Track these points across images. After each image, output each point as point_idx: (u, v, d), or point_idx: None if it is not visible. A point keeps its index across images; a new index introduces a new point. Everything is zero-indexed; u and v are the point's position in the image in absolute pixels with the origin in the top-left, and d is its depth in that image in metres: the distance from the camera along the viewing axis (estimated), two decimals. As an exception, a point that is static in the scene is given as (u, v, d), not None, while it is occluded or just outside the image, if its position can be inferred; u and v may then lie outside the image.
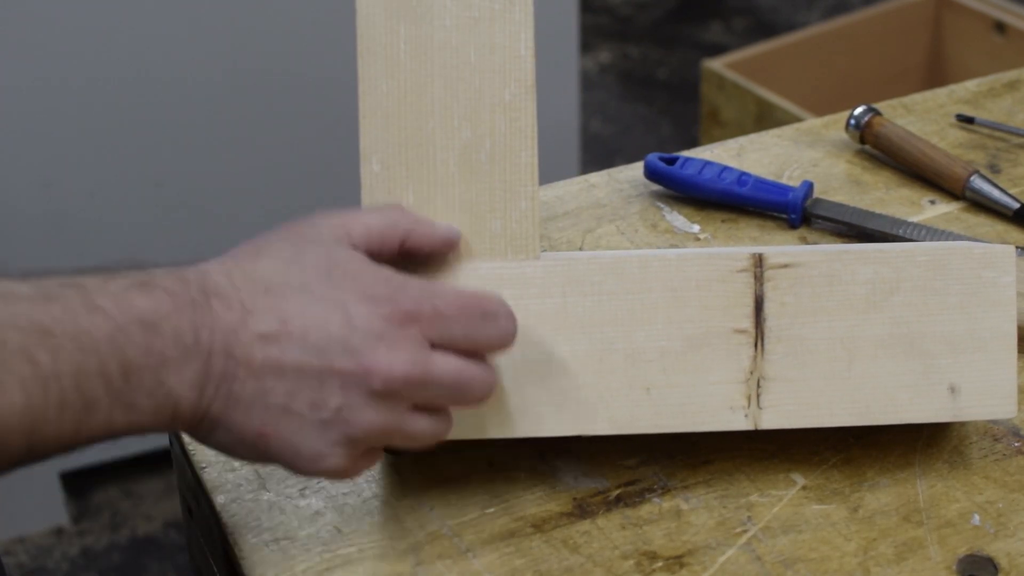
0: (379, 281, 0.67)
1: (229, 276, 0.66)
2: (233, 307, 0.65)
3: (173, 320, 0.63)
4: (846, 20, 2.25)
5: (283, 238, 0.69)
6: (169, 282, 0.64)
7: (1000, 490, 0.78)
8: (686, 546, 0.75)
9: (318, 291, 0.66)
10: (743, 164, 1.07)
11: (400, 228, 0.71)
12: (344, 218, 0.70)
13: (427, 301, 0.68)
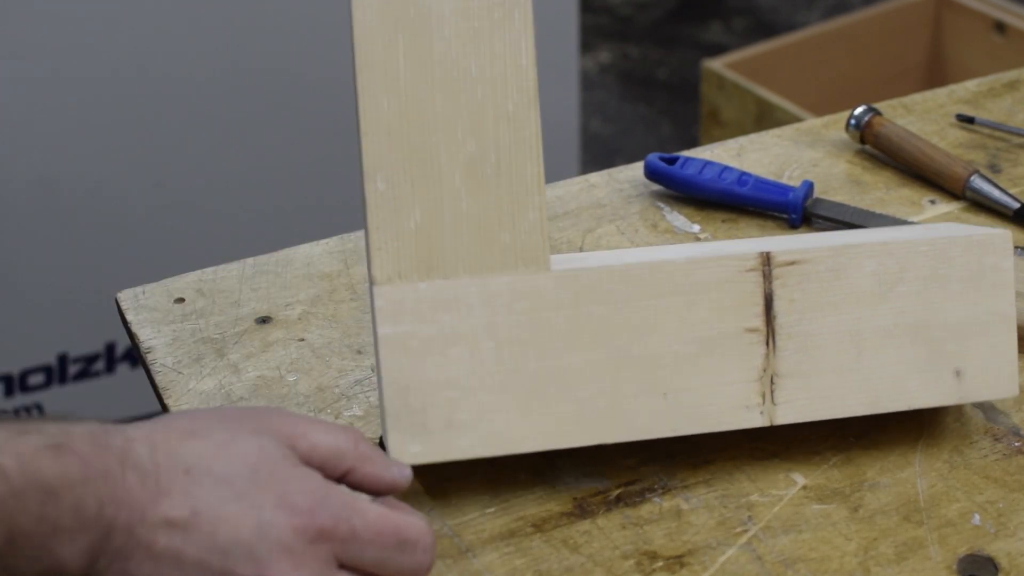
0: (303, 491, 0.65)
1: (153, 451, 0.64)
2: (147, 485, 0.63)
3: (77, 490, 0.61)
4: (846, 20, 2.25)
5: (222, 421, 0.67)
6: (86, 447, 0.62)
7: (1000, 490, 0.78)
8: (686, 546, 0.75)
9: (239, 487, 0.64)
10: (743, 164, 1.07)
11: (346, 462, 0.68)
12: (295, 426, 0.67)
13: (345, 521, 0.65)
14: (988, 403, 0.84)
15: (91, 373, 1.79)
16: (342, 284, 0.95)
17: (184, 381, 0.86)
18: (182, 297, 0.93)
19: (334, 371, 0.87)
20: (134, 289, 0.94)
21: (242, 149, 1.77)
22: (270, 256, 0.98)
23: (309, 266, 0.97)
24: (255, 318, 0.92)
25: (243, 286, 0.95)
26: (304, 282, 0.95)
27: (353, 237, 0.99)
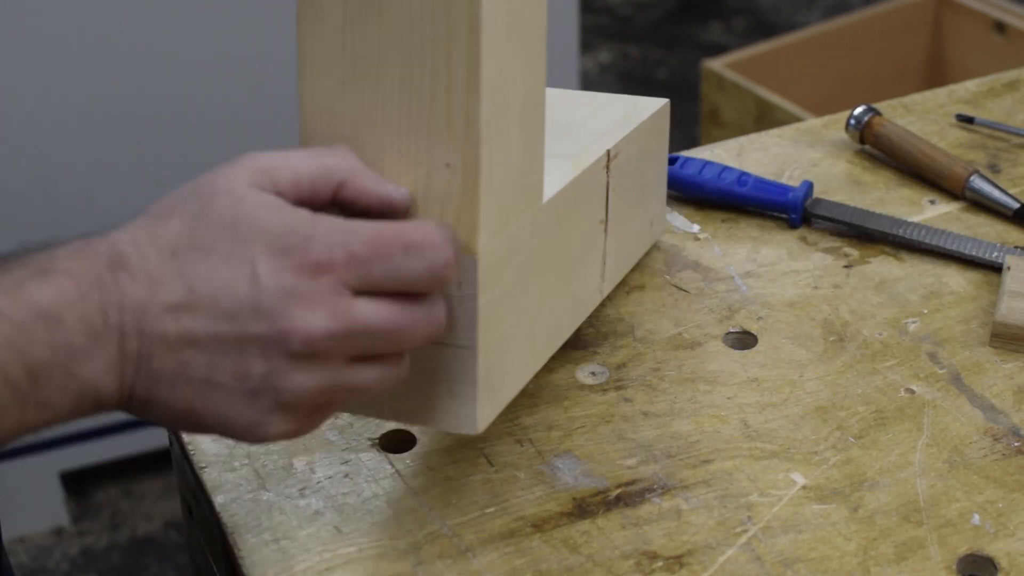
0: (288, 230, 0.61)
1: (136, 244, 0.61)
2: (139, 279, 0.60)
3: (78, 307, 0.59)
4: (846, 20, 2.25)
5: (194, 190, 0.63)
6: (72, 263, 0.60)
7: (1000, 490, 0.78)
8: (686, 546, 0.75)
9: (224, 249, 0.61)
10: (743, 164, 1.07)
11: (335, 176, 0.64)
12: (270, 161, 0.63)
13: (340, 245, 0.61)
14: (988, 403, 0.84)
15: (91, 373, 1.79)
16: (342, 284, 0.95)
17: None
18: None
19: (334, 371, 0.87)
20: (134, 289, 0.94)
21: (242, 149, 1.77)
22: (270, 256, 0.97)
23: (309, 266, 0.97)
24: (255, 318, 0.92)
25: (243, 286, 0.95)
26: (304, 282, 0.95)
27: (353, 237, 0.99)
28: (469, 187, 0.65)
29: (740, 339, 0.90)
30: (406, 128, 0.65)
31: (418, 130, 0.65)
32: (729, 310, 0.92)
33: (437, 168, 0.65)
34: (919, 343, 0.89)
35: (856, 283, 0.95)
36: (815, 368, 0.87)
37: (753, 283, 0.95)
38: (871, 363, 0.88)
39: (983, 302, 0.93)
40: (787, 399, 0.85)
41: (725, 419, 0.83)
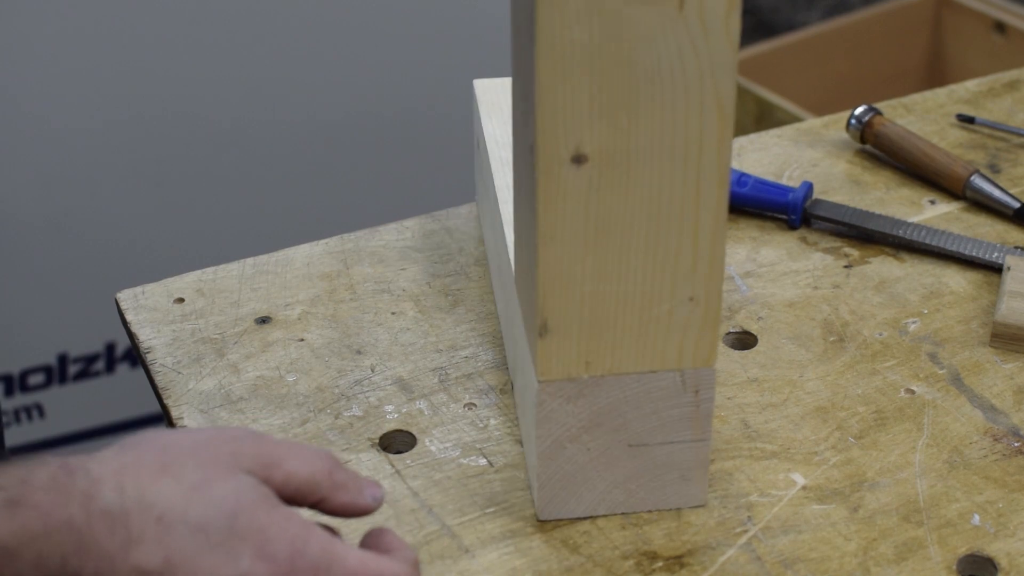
0: (282, 539, 0.62)
1: (121, 493, 0.61)
2: (116, 533, 0.60)
3: (38, 544, 0.58)
4: (846, 20, 2.25)
5: (195, 457, 0.63)
6: (46, 497, 0.59)
7: (1000, 490, 0.78)
8: (686, 546, 0.75)
9: (215, 536, 0.61)
10: (743, 164, 1.07)
11: (318, 492, 0.65)
12: (270, 455, 0.65)
13: (325, 570, 0.63)
14: (988, 403, 0.84)
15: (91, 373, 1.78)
16: (342, 284, 0.95)
17: (184, 381, 0.86)
18: (182, 297, 0.93)
19: (333, 371, 0.87)
20: (134, 289, 0.94)
21: (242, 150, 1.77)
22: (270, 256, 0.98)
23: (309, 266, 0.97)
24: (255, 318, 0.92)
25: (243, 286, 0.95)
26: (304, 282, 0.95)
27: (353, 237, 0.99)
28: (711, 314, 0.72)
29: (740, 339, 0.90)
30: (651, 275, 0.71)
31: (663, 274, 0.71)
32: (729, 310, 0.92)
33: (681, 303, 0.72)
34: (919, 343, 0.89)
35: (856, 283, 0.95)
36: (815, 368, 0.87)
37: (753, 283, 0.95)
38: (871, 363, 0.88)
39: (983, 302, 0.93)
40: (787, 399, 0.85)
41: (725, 419, 0.83)
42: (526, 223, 0.72)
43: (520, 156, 0.72)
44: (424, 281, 0.95)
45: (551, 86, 0.65)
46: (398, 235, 1.00)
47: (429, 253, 0.98)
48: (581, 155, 0.67)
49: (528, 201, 0.70)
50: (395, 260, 0.97)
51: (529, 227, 0.71)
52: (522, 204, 0.73)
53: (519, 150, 0.73)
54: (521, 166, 0.72)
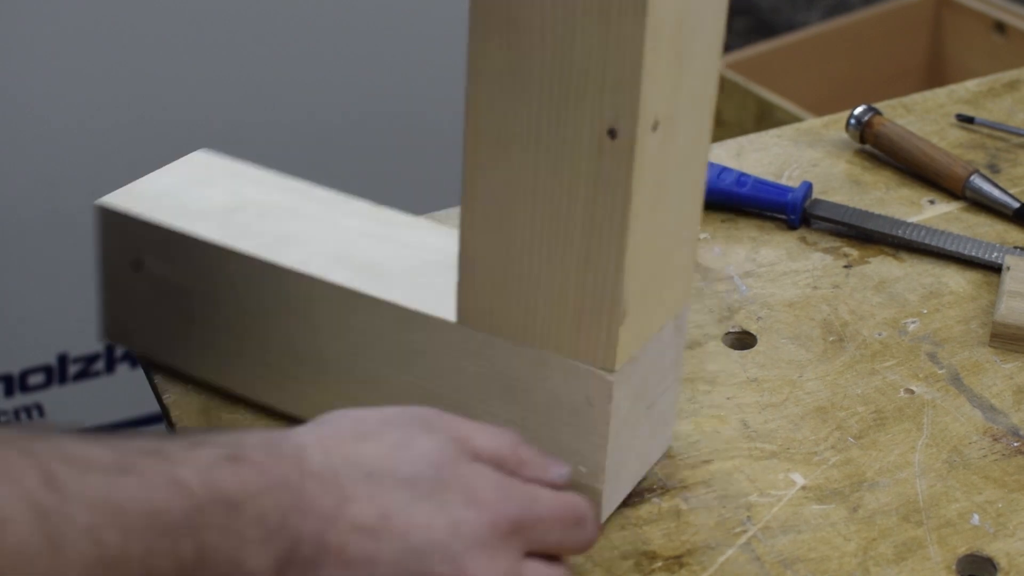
0: (487, 486, 0.64)
1: (327, 456, 0.62)
2: (330, 491, 0.61)
3: (260, 500, 0.59)
4: (846, 20, 2.25)
5: (390, 423, 0.66)
6: (261, 456, 0.60)
7: (1000, 490, 0.78)
8: (685, 546, 0.75)
9: (424, 487, 0.63)
10: (743, 164, 1.07)
11: (506, 467, 0.67)
12: (459, 429, 0.67)
13: (529, 510, 0.65)
14: (988, 403, 0.84)
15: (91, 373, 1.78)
16: (341, 284, 0.95)
17: (184, 381, 0.86)
18: (181, 297, 0.93)
19: (333, 371, 0.87)
20: (133, 289, 0.94)
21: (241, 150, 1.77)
22: (269, 256, 0.97)
23: (308, 266, 0.97)
24: (254, 318, 0.92)
25: (242, 286, 0.94)
26: (303, 282, 0.95)
27: (352, 237, 0.99)
28: (695, 252, 0.77)
29: (740, 339, 0.90)
30: (675, 225, 0.72)
31: (680, 223, 0.73)
32: (729, 310, 0.92)
33: (685, 244, 0.74)
34: (919, 343, 0.89)
35: (856, 283, 0.95)
36: (815, 368, 0.87)
37: (753, 283, 0.95)
38: (871, 363, 0.88)
39: (983, 302, 0.93)
40: (787, 399, 0.85)
41: (725, 419, 0.83)
42: (566, 205, 0.68)
43: (552, 134, 0.68)
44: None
45: (653, 56, 0.64)
46: (398, 235, 1.00)
47: (429, 253, 0.98)
48: (657, 122, 0.66)
49: (592, 179, 0.67)
50: (395, 260, 0.97)
51: (589, 208, 0.68)
52: (557, 187, 0.68)
53: (545, 128, 0.68)
54: (552, 145, 0.68)
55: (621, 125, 0.65)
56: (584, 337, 0.70)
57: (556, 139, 0.67)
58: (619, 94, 0.65)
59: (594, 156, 0.66)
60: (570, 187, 0.67)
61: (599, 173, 0.66)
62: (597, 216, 0.67)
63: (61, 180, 1.71)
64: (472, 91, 0.69)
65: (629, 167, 0.66)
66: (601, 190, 0.67)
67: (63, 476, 0.55)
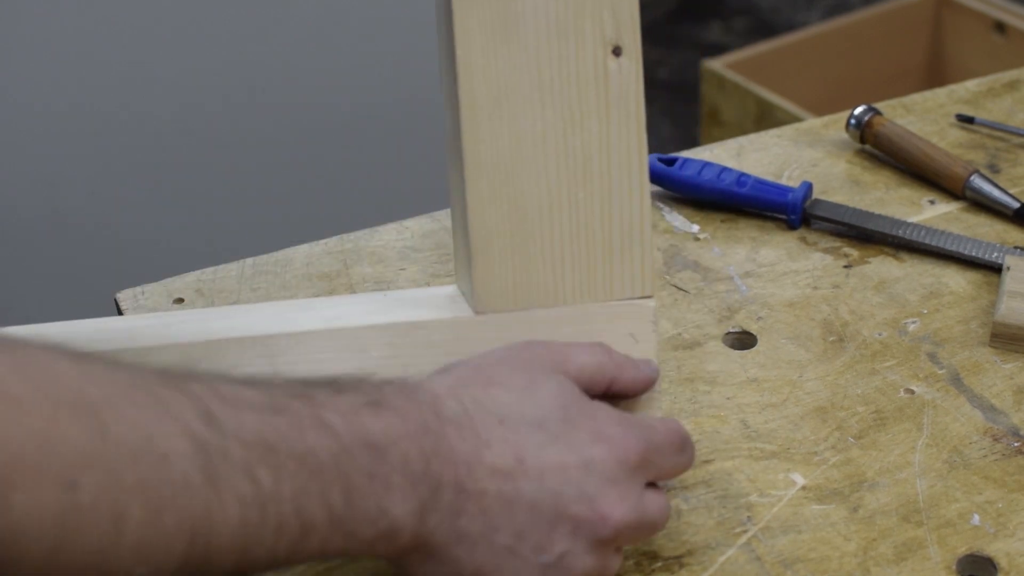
0: (611, 422, 0.66)
1: (461, 402, 0.63)
2: (467, 436, 0.62)
3: (403, 446, 0.60)
4: (846, 20, 2.25)
5: (511, 365, 0.67)
6: (401, 403, 0.61)
7: (1000, 490, 0.78)
8: (686, 546, 0.75)
9: (553, 428, 0.64)
10: (743, 164, 1.07)
11: (608, 372, 0.69)
12: (559, 352, 0.68)
13: (650, 440, 0.66)
14: (988, 403, 0.84)
15: (91, 373, 1.79)
16: (342, 284, 0.95)
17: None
18: (181, 297, 0.93)
19: (333, 371, 0.87)
20: (133, 289, 0.94)
21: (241, 149, 1.78)
22: (270, 256, 0.98)
23: (308, 266, 0.97)
24: (255, 318, 0.92)
25: (243, 286, 0.95)
26: (304, 282, 0.95)
27: (353, 237, 0.99)
28: None
29: (740, 339, 0.90)
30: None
31: None
32: (729, 310, 0.92)
33: None
34: (919, 343, 0.89)
35: (856, 283, 0.95)
36: (815, 368, 0.87)
37: (753, 283, 0.95)
38: (871, 363, 0.88)
39: (983, 302, 0.93)
40: (787, 399, 0.85)
41: (725, 419, 0.83)
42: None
43: (555, 72, 0.66)
44: (424, 281, 0.95)
45: None
46: (398, 235, 1.00)
47: (429, 253, 0.98)
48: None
49: (603, 105, 0.66)
50: (395, 260, 0.97)
51: (605, 137, 0.67)
52: (568, 126, 0.67)
53: (546, 70, 0.66)
54: (556, 84, 0.66)
55: (624, 39, 0.64)
56: (618, 273, 0.69)
57: (560, 76, 0.66)
58: (618, 6, 0.64)
59: (602, 79, 0.65)
60: (582, 121, 0.66)
61: (609, 96, 0.65)
62: (613, 142, 0.66)
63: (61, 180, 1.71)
64: (463, 55, 0.66)
65: (639, 79, 0.65)
66: (614, 114, 0.66)
67: (220, 414, 0.56)
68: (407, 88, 1.73)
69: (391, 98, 1.75)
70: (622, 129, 0.66)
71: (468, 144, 0.68)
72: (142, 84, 1.69)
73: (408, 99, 1.74)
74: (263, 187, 1.81)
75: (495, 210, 0.69)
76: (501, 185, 0.68)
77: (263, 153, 1.80)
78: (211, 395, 0.56)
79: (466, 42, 0.66)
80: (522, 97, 0.67)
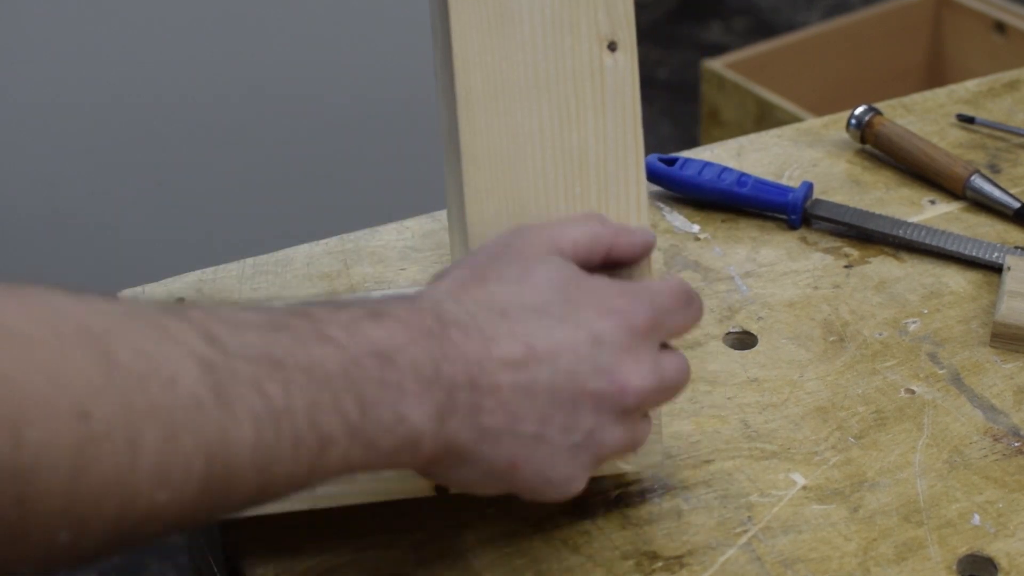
0: (612, 294, 0.65)
1: (459, 303, 0.63)
2: (472, 336, 0.62)
3: (410, 351, 0.60)
4: (846, 20, 2.25)
5: (502, 258, 0.66)
6: (402, 311, 0.61)
7: (1000, 490, 0.78)
8: (686, 546, 0.75)
9: (557, 311, 0.64)
10: (743, 164, 1.07)
11: (604, 241, 0.68)
12: (551, 232, 0.67)
13: (656, 303, 0.66)
14: (988, 403, 0.84)
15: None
16: (342, 284, 0.95)
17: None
18: (182, 297, 0.93)
19: (334, 371, 0.87)
20: (134, 289, 0.94)
21: (242, 149, 1.78)
22: (270, 256, 0.98)
23: (309, 266, 0.97)
24: (255, 318, 0.92)
25: (243, 286, 0.95)
26: (304, 282, 0.95)
27: (353, 237, 0.99)
28: None
29: (740, 339, 0.90)
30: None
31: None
32: (729, 310, 0.92)
33: None
34: (919, 343, 0.89)
35: (856, 283, 0.95)
36: (815, 368, 0.87)
37: (753, 283, 0.95)
38: (871, 363, 0.88)
39: (983, 302, 0.93)
40: (787, 399, 0.85)
41: (725, 419, 0.83)
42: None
43: (551, 66, 0.67)
44: (424, 281, 0.95)
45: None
46: (398, 235, 1.00)
47: (429, 253, 0.98)
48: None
49: (599, 99, 0.67)
50: (395, 260, 0.97)
51: (600, 131, 0.68)
52: (564, 120, 0.68)
53: (543, 64, 0.67)
54: (552, 78, 0.67)
55: (619, 35, 0.65)
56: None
57: (556, 71, 0.67)
58: (613, 2, 0.65)
59: (597, 75, 0.66)
60: (578, 117, 0.67)
61: (605, 91, 0.66)
62: (609, 137, 0.67)
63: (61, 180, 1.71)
64: (459, 51, 0.67)
65: (635, 74, 0.65)
66: (610, 109, 0.66)
67: (223, 336, 0.55)
68: (407, 88, 1.73)
69: (391, 98, 1.75)
70: (618, 124, 0.67)
71: (465, 139, 0.68)
72: (142, 84, 1.69)
73: (408, 99, 1.74)
74: (263, 187, 1.81)
75: (492, 205, 0.69)
76: (498, 180, 0.69)
77: (263, 153, 1.80)
78: (212, 319, 0.56)
79: (462, 38, 0.67)
80: (518, 92, 0.67)
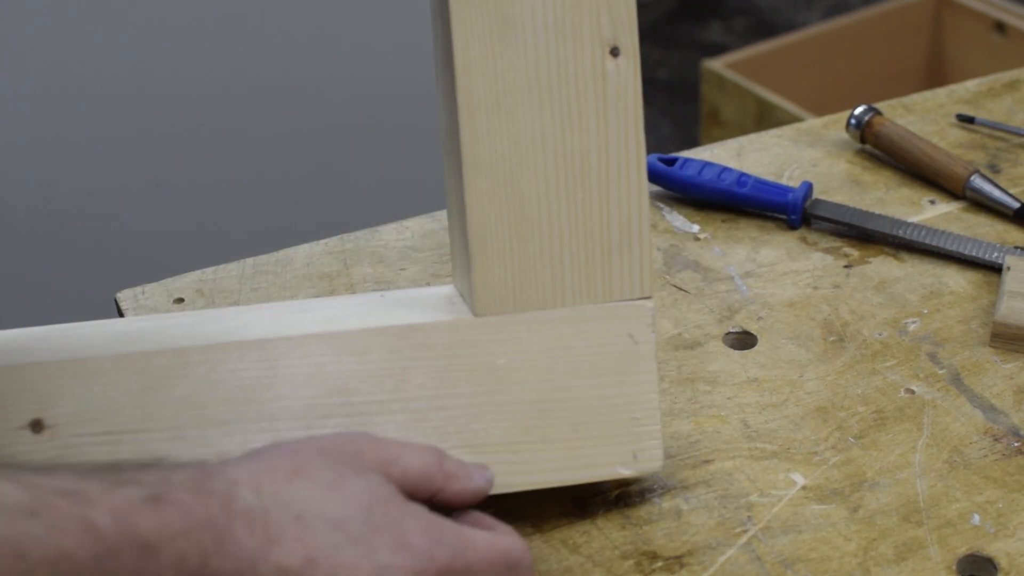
0: (417, 530, 0.64)
1: (258, 494, 0.61)
2: (256, 533, 0.60)
3: (179, 543, 0.58)
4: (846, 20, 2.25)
5: (324, 459, 0.65)
6: (186, 495, 0.59)
7: (1000, 490, 0.78)
8: (686, 546, 0.75)
9: (354, 530, 0.62)
10: (743, 164, 1.07)
11: (435, 483, 0.67)
12: (385, 453, 0.66)
13: (461, 556, 0.64)
14: (988, 403, 0.84)
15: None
16: (342, 284, 0.95)
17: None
18: (182, 297, 0.93)
19: (334, 371, 0.87)
20: (134, 289, 0.94)
21: (241, 149, 1.78)
22: (270, 256, 0.98)
23: (309, 266, 0.97)
24: (255, 318, 0.92)
25: (243, 286, 0.95)
26: (304, 282, 0.95)
27: (353, 237, 0.99)
28: None
29: (740, 339, 0.90)
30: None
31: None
32: (729, 310, 0.92)
33: None
34: (919, 343, 0.89)
35: (856, 283, 0.95)
36: (815, 368, 0.87)
37: (753, 283, 0.95)
38: (871, 363, 0.88)
39: (983, 302, 0.93)
40: (787, 399, 0.85)
41: (725, 419, 0.83)
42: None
43: (553, 72, 0.67)
44: (424, 281, 0.95)
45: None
46: (398, 235, 1.00)
47: (429, 253, 0.98)
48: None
49: (601, 106, 0.67)
50: (395, 260, 0.97)
51: (602, 137, 0.67)
52: (566, 127, 0.68)
53: (545, 70, 0.67)
54: (555, 84, 0.67)
55: (622, 40, 0.65)
56: (616, 274, 0.69)
57: (558, 77, 0.66)
58: (616, 7, 0.65)
59: (600, 80, 0.66)
60: (580, 122, 0.67)
61: (607, 97, 0.66)
62: (611, 143, 0.67)
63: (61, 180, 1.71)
64: (460, 56, 0.67)
65: (637, 79, 0.65)
66: (612, 114, 0.66)
67: None
68: (408, 88, 1.73)
69: (391, 98, 1.75)
70: (620, 129, 0.67)
71: (466, 145, 0.68)
72: (143, 83, 1.69)
73: (408, 99, 1.74)
74: (263, 187, 1.81)
75: (493, 211, 0.69)
76: (499, 186, 0.69)
77: (263, 153, 1.80)
78: None
79: (464, 43, 0.67)
80: (520, 98, 0.67)
